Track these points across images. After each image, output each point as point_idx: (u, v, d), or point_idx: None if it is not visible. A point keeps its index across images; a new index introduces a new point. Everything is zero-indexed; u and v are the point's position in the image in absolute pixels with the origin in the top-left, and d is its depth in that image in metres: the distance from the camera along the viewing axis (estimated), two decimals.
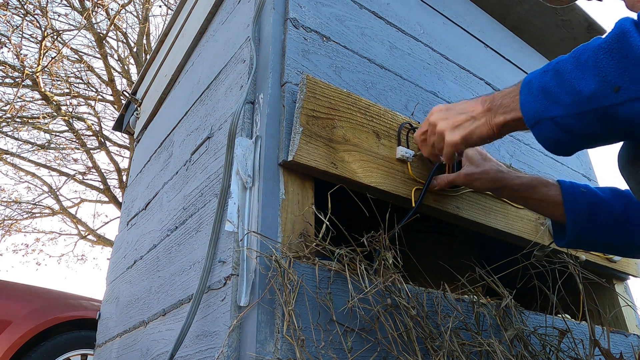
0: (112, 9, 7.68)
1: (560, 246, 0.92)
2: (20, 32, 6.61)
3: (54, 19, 7.13)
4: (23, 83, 6.61)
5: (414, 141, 0.92)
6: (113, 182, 8.30)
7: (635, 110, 0.55)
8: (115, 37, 8.25)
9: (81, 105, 8.12)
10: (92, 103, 8.03)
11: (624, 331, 1.26)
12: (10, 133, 7.46)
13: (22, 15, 6.56)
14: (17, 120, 7.25)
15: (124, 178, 7.76)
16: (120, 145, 8.32)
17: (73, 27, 7.38)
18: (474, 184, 0.93)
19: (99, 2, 7.16)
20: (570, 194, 0.88)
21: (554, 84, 0.63)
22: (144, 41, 8.16)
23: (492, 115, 0.75)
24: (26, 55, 6.87)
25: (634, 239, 0.84)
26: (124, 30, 8.22)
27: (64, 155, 8.32)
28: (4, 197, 8.50)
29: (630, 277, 1.42)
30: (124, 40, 8.29)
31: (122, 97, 7.55)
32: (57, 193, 8.44)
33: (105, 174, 8.30)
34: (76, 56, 7.70)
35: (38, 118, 7.24)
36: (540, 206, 0.92)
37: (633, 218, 0.84)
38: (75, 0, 7.40)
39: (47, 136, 8.00)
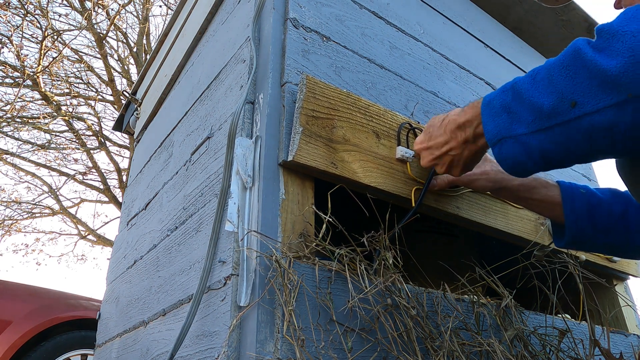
0: (112, 9, 7.68)
1: (559, 247, 0.92)
2: (21, 32, 6.61)
3: (54, 19, 7.14)
4: (23, 83, 6.61)
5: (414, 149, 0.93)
6: (113, 182, 8.31)
7: (593, 123, 0.56)
8: (115, 37, 8.26)
9: (81, 105, 8.13)
10: (92, 103, 8.03)
11: (624, 331, 1.26)
12: (10, 133, 7.47)
13: (23, 16, 6.56)
14: (17, 120, 7.25)
15: (124, 178, 7.76)
16: (120, 145, 8.33)
17: (73, 27, 7.38)
18: (474, 184, 0.93)
19: (99, 2, 7.16)
20: (570, 195, 0.89)
21: (515, 103, 0.64)
22: (144, 41, 8.16)
23: (469, 144, 0.76)
24: (26, 55, 6.88)
25: (633, 240, 0.84)
26: (124, 30, 8.23)
27: (64, 155, 8.32)
28: (4, 197, 8.50)
29: (630, 277, 1.42)
30: (124, 40, 8.29)
31: (122, 97, 7.55)
32: (57, 193, 8.44)
33: (105, 174, 8.31)
34: (76, 56, 7.71)
35: (38, 118, 7.24)
36: (540, 207, 0.92)
37: (632, 219, 0.84)
38: (76, 0, 7.40)
39: (47, 136, 8.00)
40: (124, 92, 2.82)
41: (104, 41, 7.39)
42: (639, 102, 0.52)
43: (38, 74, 6.56)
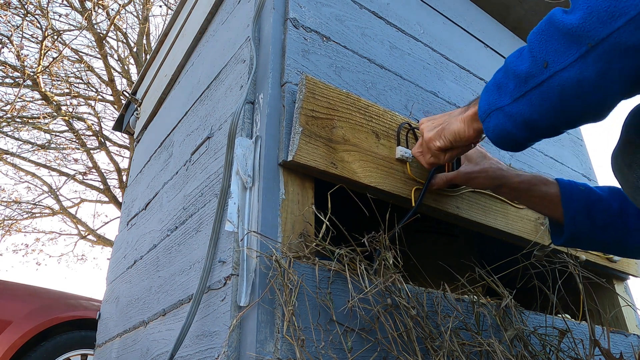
0: (112, 9, 7.68)
1: (557, 244, 0.92)
2: (21, 32, 6.61)
3: (54, 19, 7.14)
4: (23, 83, 6.61)
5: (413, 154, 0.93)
6: (113, 182, 8.31)
7: (563, 80, 0.57)
8: (115, 37, 8.26)
9: (81, 105, 8.13)
10: (92, 103, 8.03)
11: (624, 331, 1.26)
12: (10, 133, 7.47)
13: (23, 15, 6.56)
14: (18, 120, 7.25)
15: (124, 178, 7.76)
16: (120, 145, 8.33)
17: (73, 28, 7.38)
18: (473, 182, 0.93)
19: (99, 2, 7.16)
20: (569, 192, 0.89)
21: (504, 78, 0.66)
22: (144, 41, 8.16)
23: (465, 110, 0.78)
24: (27, 55, 6.88)
25: (632, 238, 0.84)
26: (124, 30, 8.22)
27: (64, 155, 8.32)
28: (4, 197, 8.50)
29: (630, 277, 1.42)
30: (124, 40, 8.29)
31: (122, 97, 7.56)
32: (57, 193, 8.44)
33: (105, 174, 8.30)
34: (76, 56, 7.70)
35: (38, 118, 7.24)
36: (539, 205, 0.92)
37: (631, 217, 0.84)
38: (76, 0, 7.40)
39: (47, 136, 8.00)
40: (124, 92, 2.82)
41: (104, 41, 7.39)
42: (598, 51, 0.53)
43: (38, 74, 6.56)
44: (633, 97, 0.59)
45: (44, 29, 6.53)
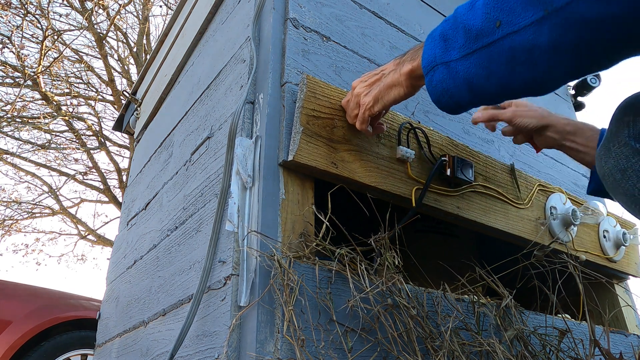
0: (112, 9, 7.68)
1: (587, 193, 0.91)
2: (21, 32, 6.62)
3: (54, 19, 7.14)
4: (24, 83, 6.61)
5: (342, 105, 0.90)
6: (113, 182, 8.31)
7: (514, 43, 0.54)
8: (115, 37, 8.26)
9: (81, 105, 8.13)
10: (92, 103, 8.03)
11: (624, 331, 1.26)
12: (10, 133, 7.47)
13: (23, 16, 6.56)
14: (18, 120, 7.25)
15: (124, 178, 7.76)
16: (120, 145, 8.33)
17: (74, 28, 7.38)
18: (519, 120, 0.89)
19: (99, 2, 7.16)
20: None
21: (450, 28, 0.62)
22: (144, 41, 8.16)
23: (400, 67, 0.73)
24: (27, 55, 6.88)
25: None
26: (124, 30, 8.23)
27: (64, 155, 8.32)
28: (4, 197, 8.50)
29: (630, 277, 1.42)
30: (124, 40, 8.29)
31: (122, 97, 7.55)
32: (57, 193, 8.44)
33: (105, 174, 8.31)
34: (76, 56, 7.71)
35: (38, 118, 7.24)
36: (580, 152, 0.90)
37: None
38: (76, 0, 7.40)
39: (47, 136, 8.00)
40: (124, 92, 2.83)
41: (104, 41, 7.39)
42: (555, 19, 0.50)
43: (38, 74, 6.56)
44: (581, 77, 0.56)
45: (44, 29, 6.53)
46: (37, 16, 6.68)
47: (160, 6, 10.06)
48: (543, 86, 0.57)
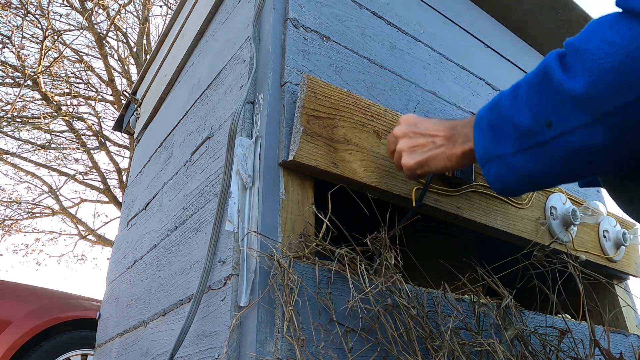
0: (112, 9, 7.68)
1: (580, 186, 0.91)
2: (21, 32, 6.62)
3: (54, 19, 7.14)
4: (24, 83, 6.62)
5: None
6: (113, 182, 8.31)
7: (569, 143, 0.55)
8: (115, 37, 8.26)
9: (81, 105, 8.13)
10: (92, 103, 8.03)
11: (624, 331, 1.26)
12: (10, 133, 7.47)
13: (23, 16, 6.56)
14: (18, 120, 7.25)
15: (124, 178, 7.77)
16: (120, 145, 8.33)
17: (74, 28, 7.38)
18: None
19: (99, 2, 7.16)
20: None
21: (496, 118, 0.64)
22: (144, 41, 8.16)
23: (452, 145, 0.74)
24: (27, 55, 6.88)
25: None
26: (124, 30, 8.23)
27: (64, 155, 8.32)
28: (4, 197, 8.50)
29: (630, 277, 1.42)
30: (124, 40, 8.30)
31: (122, 97, 7.56)
32: (57, 193, 8.44)
33: (105, 174, 8.31)
34: (76, 56, 7.71)
35: (38, 118, 7.24)
36: None
37: None
38: (76, 0, 7.40)
39: (47, 136, 8.00)
40: (124, 92, 2.83)
41: (104, 41, 7.39)
42: (608, 121, 0.51)
43: (38, 74, 6.56)
44: None
45: (44, 29, 6.53)
46: (37, 16, 6.68)
47: (160, 6, 10.06)
48: (609, 172, 0.58)
